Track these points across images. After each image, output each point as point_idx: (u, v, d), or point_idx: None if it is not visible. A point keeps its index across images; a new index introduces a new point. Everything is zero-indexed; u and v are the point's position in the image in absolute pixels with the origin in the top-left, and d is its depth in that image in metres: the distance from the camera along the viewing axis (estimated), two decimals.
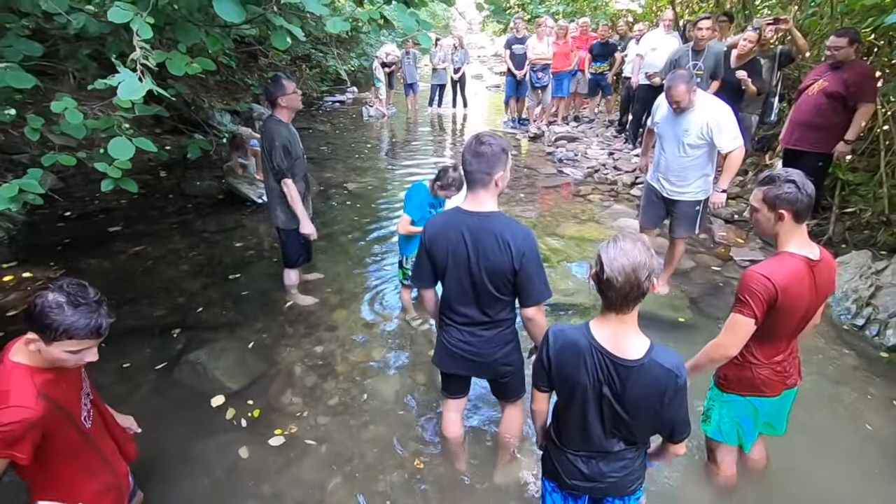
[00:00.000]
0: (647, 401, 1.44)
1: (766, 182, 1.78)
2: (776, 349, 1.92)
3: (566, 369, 1.50)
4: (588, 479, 1.60)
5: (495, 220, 1.83)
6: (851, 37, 3.94)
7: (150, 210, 5.33)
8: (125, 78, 1.53)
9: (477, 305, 1.94)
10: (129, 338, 3.25)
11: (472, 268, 1.86)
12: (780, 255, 1.80)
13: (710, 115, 3.07)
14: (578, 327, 1.52)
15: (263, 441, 2.55)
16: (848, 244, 4.24)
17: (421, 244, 1.98)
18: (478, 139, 1.82)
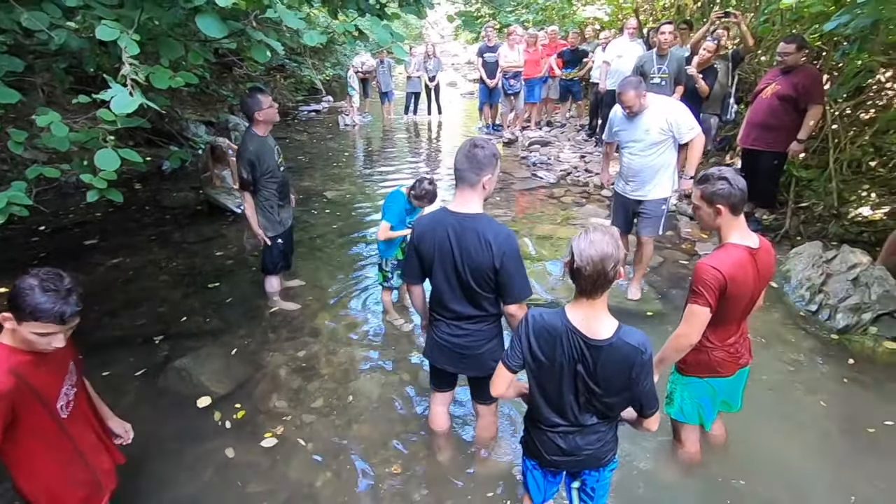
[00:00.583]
0: (618, 376, 1.57)
1: (703, 181, 1.96)
2: (728, 332, 2.09)
3: (543, 348, 1.61)
4: (566, 454, 1.73)
5: (478, 221, 1.93)
6: (799, 43, 4.23)
7: (127, 222, 5.30)
8: (117, 93, 1.60)
9: (463, 301, 2.05)
10: (112, 348, 3.27)
11: (457, 265, 1.96)
12: (725, 247, 1.97)
13: (666, 111, 3.26)
14: (555, 311, 1.64)
15: (251, 443, 2.61)
16: (802, 236, 4.51)
17: (410, 242, 2.10)
18: (472, 142, 1.94)
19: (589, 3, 10.80)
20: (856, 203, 4.60)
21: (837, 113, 4.94)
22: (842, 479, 2.38)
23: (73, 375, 1.68)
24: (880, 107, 5.06)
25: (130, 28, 1.80)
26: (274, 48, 2.33)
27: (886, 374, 3.06)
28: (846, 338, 3.33)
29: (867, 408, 2.80)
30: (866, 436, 2.62)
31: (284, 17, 2.23)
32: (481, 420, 2.48)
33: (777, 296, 3.82)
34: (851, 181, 4.76)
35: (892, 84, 5.12)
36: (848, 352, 3.24)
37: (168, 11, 2.13)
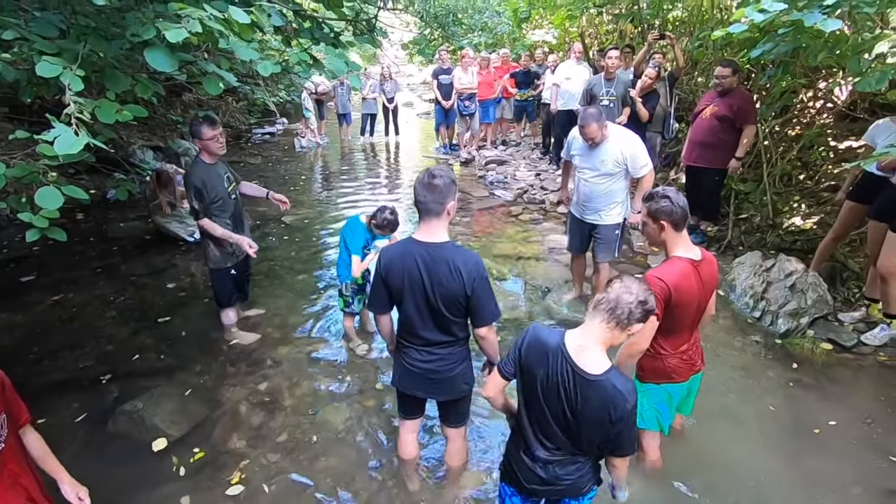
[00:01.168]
0: (598, 415, 1.55)
1: (648, 199, 2.11)
2: (681, 340, 2.22)
3: (532, 363, 1.63)
4: (546, 483, 1.72)
5: (447, 249, 1.97)
6: (733, 67, 4.56)
7: (69, 256, 5.00)
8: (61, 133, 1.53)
9: (434, 328, 2.07)
10: (53, 393, 3.06)
11: (427, 294, 1.98)
12: (670, 260, 2.12)
13: (623, 145, 3.35)
14: (556, 331, 1.66)
15: (210, 488, 2.49)
16: (744, 246, 4.79)
17: (376, 272, 2.09)
18: (430, 173, 1.97)
19: (538, 27, 11.25)
20: (788, 214, 4.94)
21: (768, 130, 5.33)
22: (793, 480, 2.51)
23: (1, 415, 1.54)
24: (804, 124, 5.50)
25: (73, 62, 1.74)
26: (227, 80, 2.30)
27: (826, 375, 3.26)
28: (788, 341, 3.55)
29: (812, 409, 2.97)
30: (813, 437, 2.78)
31: (237, 49, 2.21)
32: (451, 445, 2.48)
33: (724, 304, 4.03)
34: (784, 193, 5.12)
35: (814, 103, 5.58)
36: (791, 355, 3.44)
37: (113, 44, 2.07)
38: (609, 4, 8.08)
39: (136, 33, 1.85)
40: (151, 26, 1.84)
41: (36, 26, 2.03)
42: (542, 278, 4.54)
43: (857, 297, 3.90)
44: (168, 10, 1.96)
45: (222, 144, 3.18)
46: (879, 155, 2.75)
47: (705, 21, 6.66)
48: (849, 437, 2.76)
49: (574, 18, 8.82)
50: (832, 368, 3.33)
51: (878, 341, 3.42)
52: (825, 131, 5.21)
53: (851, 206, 3.69)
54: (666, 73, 5.60)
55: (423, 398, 2.35)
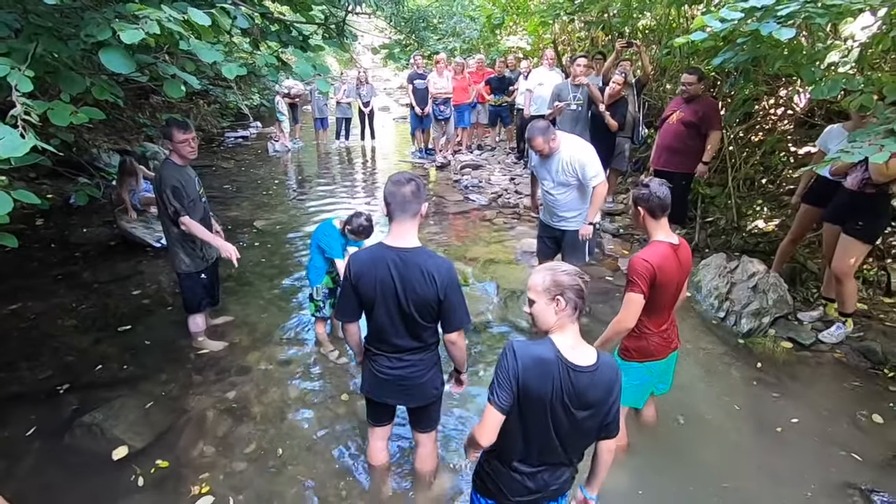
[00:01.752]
0: (603, 399, 1.56)
1: (635, 187, 2.30)
2: (662, 320, 2.40)
3: (535, 383, 1.51)
4: (532, 492, 1.67)
5: (419, 255, 1.96)
6: (699, 74, 4.69)
7: (27, 263, 4.82)
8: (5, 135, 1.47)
9: (405, 334, 2.06)
10: (7, 405, 2.94)
11: (400, 300, 1.97)
12: (652, 244, 2.30)
13: (574, 155, 3.36)
14: (540, 342, 1.58)
15: (174, 499, 2.42)
16: (710, 248, 4.92)
17: (346, 280, 2.04)
18: (405, 176, 1.99)
19: (512, 33, 11.38)
20: (752, 217, 5.10)
21: (732, 136, 5.50)
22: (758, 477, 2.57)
23: None
24: (767, 130, 5.69)
25: (23, 63, 1.68)
26: (189, 83, 2.26)
27: (787, 373, 3.37)
28: (750, 341, 3.65)
29: (775, 408, 3.05)
30: (775, 435, 2.84)
31: (198, 51, 2.17)
32: (421, 449, 2.47)
33: (690, 305, 4.13)
34: (747, 197, 5.29)
35: (775, 110, 5.78)
36: (754, 354, 3.55)
37: (69, 45, 2.01)
38: (580, 12, 8.23)
39: (91, 34, 1.80)
40: (107, 27, 1.79)
41: None
42: (516, 281, 4.57)
43: (815, 297, 4.05)
44: (127, 10, 1.92)
45: (194, 149, 3.12)
46: (830, 160, 2.86)
47: (673, 29, 6.85)
48: (809, 434, 2.85)
49: (547, 25, 8.95)
50: (792, 366, 3.44)
51: (834, 339, 3.55)
52: (785, 137, 5.40)
53: (806, 209, 3.84)
54: (634, 81, 5.73)
55: (394, 405, 2.33)
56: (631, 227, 5.58)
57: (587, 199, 3.56)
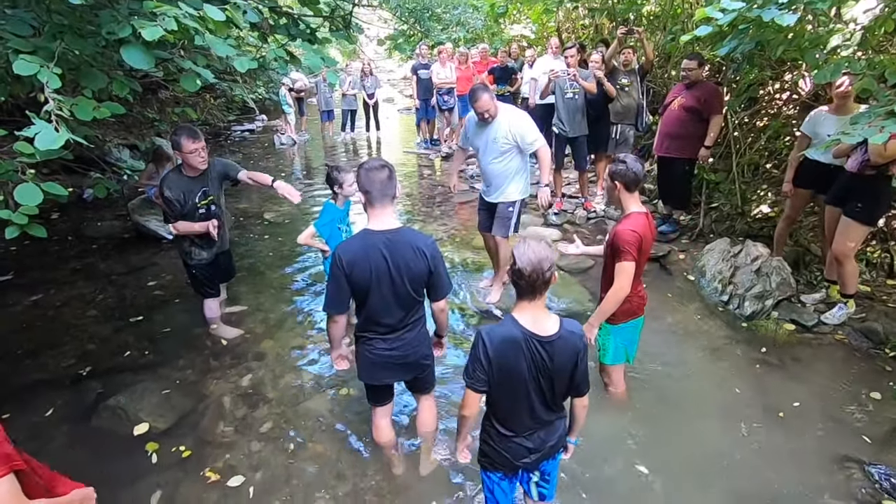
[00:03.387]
0: (568, 364, 1.72)
1: (613, 161, 2.56)
2: (639, 282, 2.69)
3: (507, 361, 1.67)
4: (533, 452, 1.83)
5: (405, 234, 2.10)
6: (699, 60, 4.72)
7: (46, 256, 4.96)
8: (41, 129, 1.56)
9: (399, 312, 2.16)
10: (36, 391, 3.08)
11: (394, 280, 2.07)
12: (630, 215, 2.50)
13: (511, 121, 3.45)
14: (505, 323, 1.71)
15: (197, 476, 2.54)
16: (715, 233, 4.96)
17: (338, 272, 2.04)
18: (378, 162, 2.09)
19: (516, 21, 11.34)
20: (756, 202, 5.13)
21: (737, 122, 5.51)
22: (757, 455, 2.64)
23: None
24: (772, 115, 5.69)
25: (49, 60, 1.76)
26: (204, 76, 2.34)
27: (790, 354, 3.42)
28: (753, 323, 3.71)
29: (777, 391, 3.08)
30: (776, 415, 2.89)
31: (213, 45, 2.25)
32: (424, 407, 2.64)
33: (694, 289, 4.19)
34: (752, 182, 5.31)
35: (780, 94, 5.78)
36: (757, 336, 3.61)
37: (89, 42, 2.09)
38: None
39: (112, 31, 1.88)
40: (127, 24, 1.87)
41: (10, 24, 2.04)
42: None
43: (818, 279, 4.10)
44: (143, 7, 1.99)
45: (204, 159, 3.06)
46: (831, 143, 2.90)
47: (677, 15, 6.82)
48: (810, 413, 2.90)
49: (551, 13, 8.93)
50: (795, 348, 3.50)
51: (836, 320, 3.61)
52: (790, 122, 5.40)
53: (798, 192, 3.95)
54: (637, 67, 5.74)
55: (395, 382, 2.45)
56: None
57: (518, 175, 3.66)
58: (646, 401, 2.97)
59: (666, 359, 3.35)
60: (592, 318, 2.65)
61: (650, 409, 2.92)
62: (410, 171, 8.21)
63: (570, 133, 5.57)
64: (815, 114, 3.74)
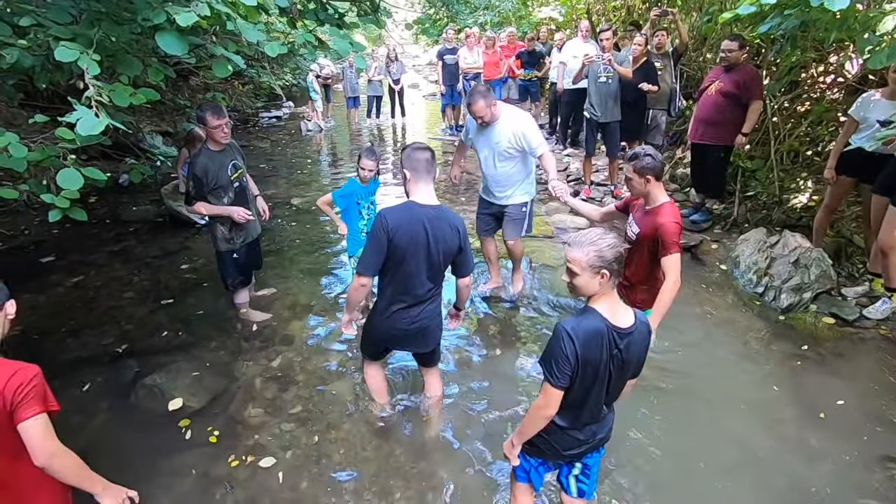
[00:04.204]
0: (640, 356, 1.73)
1: (633, 158, 2.48)
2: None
3: (591, 355, 1.60)
4: (582, 444, 1.79)
5: (444, 211, 2.29)
6: (741, 42, 4.52)
7: (85, 239, 5.14)
8: (83, 115, 1.61)
9: (427, 283, 2.32)
10: (79, 368, 3.21)
11: (430, 251, 2.23)
12: (663, 205, 2.49)
13: (515, 125, 3.23)
14: (588, 316, 1.64)
15: (228, 453, 2.62)
16: (749, 223, 4.80)
17: (381, 233, 2.16)
18: (419, 145, 2.33)
19: (544, 4, 11.08)
20: (795, 190, 4.93)
21: (776, 107, 5.27)
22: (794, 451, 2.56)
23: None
24: (814, 99, 5.43)
25: (88, 47, 1.80)
26: (235, 62, 2.35)
27: (829, 349, 3.30)
28: (790, 317, 3.59)
29: (818, 389, 2.96)
30: (819, 423, 2.73)
31: (244, 30, 2.26)
32: (431, 378, 2.80)
33: (727, 280, 4.07)
34: (791, 170, 5.10)
35: (825, 78, 5.50)
36: (794, 330, 3.49)
37: (125, 29, 2.13)
38: None
39: (147, 18, 1.90)
40: (161, 11, 1.90)
41: (50, 12, 2.09)
42: (548, 257, 4.60)
43: (861, 272, 3.93)
44: None
45: (227, 134, 3.15)
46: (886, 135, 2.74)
47: None
48: (851, 410, 2.80)
49: None
50: (835, 342, 3.37)
51: (879, 315, 3.46)
52: (835, 106, 5.14)
53: (840, 180, 3.77)
54: (671, 50, 5.55)
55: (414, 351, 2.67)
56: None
57: (525, 176, 3.49)
58: (676, 395, 2.92)
59: (697, 352, 3.27)
60: (653, 318, 2.45)
61: (680, 403, 2.87)
62: (436, 157, 8.20)
63: (602, 118, 5.43)
64: (865, 97, 3.55)
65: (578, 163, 6.82)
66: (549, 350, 1.65)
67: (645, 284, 2.66)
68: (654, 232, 2.47)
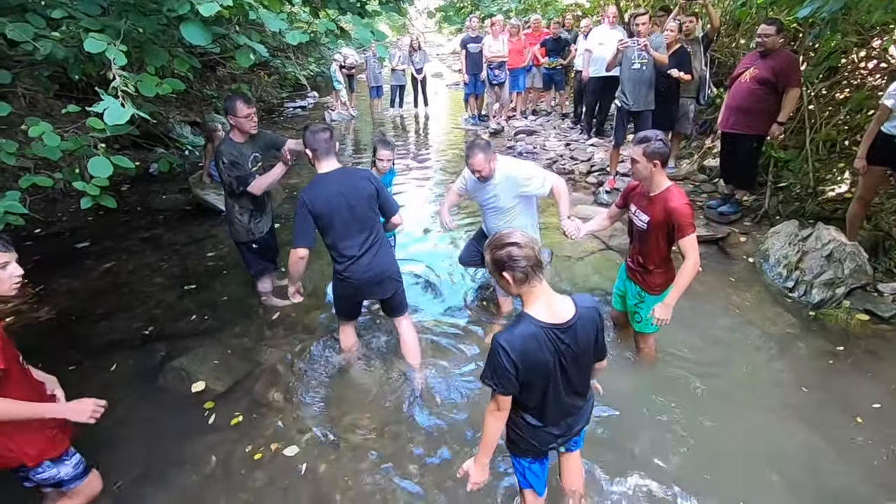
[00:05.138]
0: (591, 341, 1.72)
1: (643, 141, 2.47)
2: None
3: (532, 360, 1.60)
4: (560, 436, 1.85)
5: (349, 169, 2.71)
6: (778, 26, 4.31)
7: (117, 226, 5.32)
8: (110, 105, 1.66)
9: (361, 229, 2.67)
10: (111, 350, 3.34)
11: (351, 204, 2.60)
12: (672, 188, 2.53)
13: (513, 175, 3.02)
14: (521, 323, 1.62)
15: (251, 435, 2.70)
16: (781, 215, 4.63)
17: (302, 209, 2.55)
18: (319, 126, 2.64)
19: None
20: (831, 182, 4.73)
21: (814, 94, 5.05)
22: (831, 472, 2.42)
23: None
24: (854, 86, 5.18)
25: (116, 39, 1.85)
26: (258, 51, 2.38)
27: (864, 347, 3.16)
28: (821, 312, 3.46)
29: (852, 391, 2.82)
30: (855, 427, 2.59)
31: (266, 20, 2.28)
32: (404, 328, 3.04)
33: (755, 274, 3.95)
34: (827, 160, 4.89)
35: (866, 63, 5.24)
36: (825, 327, 3.36)
37: (151, 19, 2.17)
38: None
39: (172, 8, 1.93)
40: (186, 1, 1.92)
41: (81, 4, 2.14)
42: (570, 249, 4.54)
43: None
44: None
45: (255, 124, 3.19)
46: None
47: None
48: (887, 412, 2.68)
49: None
50: (868, 340, 3.24)
51: None
52: (876, 93, 4.90)
53: (873, 170, 3.61)
54: (701, 36, 5.36)
55: (360, 302, 2.99)
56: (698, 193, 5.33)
57: (532, 217, 3.27)
58: (700, 393, 2.86)
59: (723, 348, 3.20)
60: (669, 299, 2.59)
61: (704, 401, 2.80)
62: (459, 148, 8.13)
63: (634, 107, 5.25)
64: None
65: (603, 153, 6.69)
66: (488, 363, 1.65)
67: (661, 268, 2.70)
68: (667, 217, 2.49)
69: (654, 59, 5.01)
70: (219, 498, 2.37)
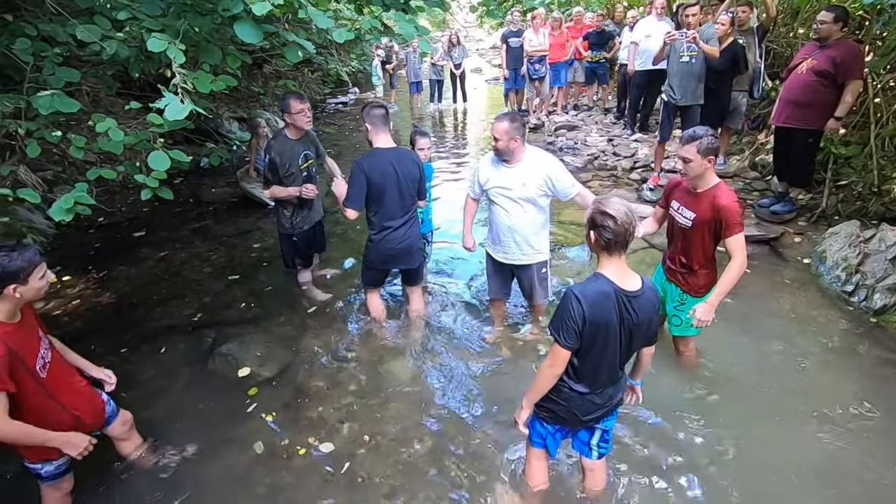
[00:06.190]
0: (650, 318, 1.81)
1: (694, 139, 2.40)
2: None
3: (599, 318, 1.71)
4: (600, 408, 1.90)
5: (403, 150, 3.03)
6: (837, 14, 4.05)
7: (170, 217, 5.60)
8: (170, 101, 1.75)
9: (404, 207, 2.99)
10: (165, 335, 3.52)
11: (399, 180, 2.91)
12: (721, 184, 2.49)
13: (544, 167, 2.85)
14: (595, 281, 1.75)
15: (294, 421, 2.79)
16: (841, 215, 4.38)
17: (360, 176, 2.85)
18: (375, 104, 2.95)
19: None
20: None
21: (880, 86, 4.74)
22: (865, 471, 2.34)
23: (45, 341, 1.97)
24: None
25: (176, 38, 1.94)
26: (306, 48, 2.44)
27: None
28: (884, 319, 3.26)
29: None
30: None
31: (314, 17, 2.33)
32: (414, 296, 3.45)
33: (811, 277, 3.76)
34: (894, 157, 4.57)
35: None
36: (886, 334, 3.17)
37: (207, 19, 2.27)
38: None
39: (227, 8, 2.01)
40: (239, 1, 2.00)
41: (143, 6, 2.26)
42: None
43: None
44: None
45: (309, 119, 3.30)
46: None
47: None
48: None
49: None
50: None
51: None
52: None
53: None
54: (755, 26, 5.10)
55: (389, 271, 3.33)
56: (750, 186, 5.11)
57: (545, 229, 3.04)
58: (748, 398, 2.76)
59: (775, 353, 3.07)
60: (713, 298, 2.49)
61: (752, 406, 2.70)
62: None
63: (681, 101, 5.07)
64: None
65: (647, 148, 6.51)
66: (557, 312, 1.77)
67: (706, 269, 2.64)
68: (715, 214, 2.43)
69: (704, 51, 4.81)
70: (264, 478, 2.47)
